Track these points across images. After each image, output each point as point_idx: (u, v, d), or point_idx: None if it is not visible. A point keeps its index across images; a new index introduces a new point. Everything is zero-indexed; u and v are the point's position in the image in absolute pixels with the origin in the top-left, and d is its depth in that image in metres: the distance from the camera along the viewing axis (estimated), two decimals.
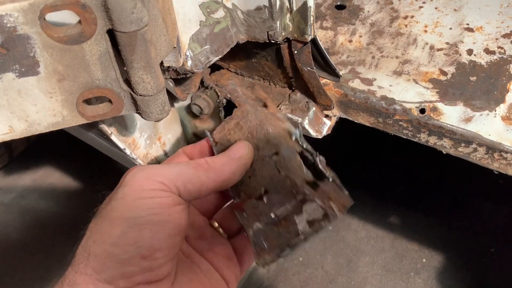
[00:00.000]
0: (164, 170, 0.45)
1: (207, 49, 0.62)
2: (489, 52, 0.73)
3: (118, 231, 0.41)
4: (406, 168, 1.63)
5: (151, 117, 0.50)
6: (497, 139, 0.64)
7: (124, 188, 0.43)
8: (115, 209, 0.42)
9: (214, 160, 0.48)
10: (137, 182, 0.43)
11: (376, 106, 0.70)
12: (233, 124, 0.55)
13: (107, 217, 0.42)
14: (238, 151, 0.51)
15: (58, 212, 1.66)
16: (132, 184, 0.43)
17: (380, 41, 0.77)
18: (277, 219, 0.49)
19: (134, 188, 0.43)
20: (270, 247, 0.48)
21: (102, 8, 0.42)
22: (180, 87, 0.71)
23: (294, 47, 0.66)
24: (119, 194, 0.43)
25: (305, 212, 0.49)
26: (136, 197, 0.42)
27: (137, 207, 0.42)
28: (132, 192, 0.43)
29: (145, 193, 0.43)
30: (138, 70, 0.45)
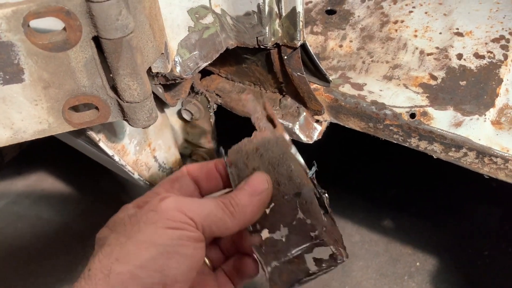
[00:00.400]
0: (196, 207, 0.45)
1: (196, 55, 0.62)
2: (478, 56, 0.73)
3: (146, 254, 0.41)
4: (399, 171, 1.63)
5: (138, 124, 0.49)
6: (487, 144, 0.64)
7: (156, 214, 0.43)
8: (144, 232, 0.42)
9: (239, 202, 0.47)
10: (170, 212, 0.43)
11: (366, 111, 0.70)
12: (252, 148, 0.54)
13: (135, 238, 0.42)
14: (258, 186, 0.50)
15: (51, 219, 1.65)
16: (165, 213, 0.43)
17: (371, 46, 0.77)
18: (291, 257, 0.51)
19: (166, 217, 0.43)
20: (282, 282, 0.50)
21: (87, 15, 0.41)
22: (170, 93, 0.71)
23: (284, 53, 0.66)
24: (150, 219, 0.43)
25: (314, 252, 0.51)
26: (167, 226, 0.42)
27: (168, 236, 0.42)
28: (163, 220, 0.42)
29: (176, 224, 0.43)
30: (124, 77, 0.45)
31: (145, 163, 0.74)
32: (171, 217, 0.43)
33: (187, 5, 0.58)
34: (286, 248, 0.51)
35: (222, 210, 0.46)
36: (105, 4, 0.40)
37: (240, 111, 0.77)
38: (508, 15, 0.78)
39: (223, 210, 0.46)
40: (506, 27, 0.76)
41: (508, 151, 0.63)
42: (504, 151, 0.63)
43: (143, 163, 0.73)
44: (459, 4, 0.81)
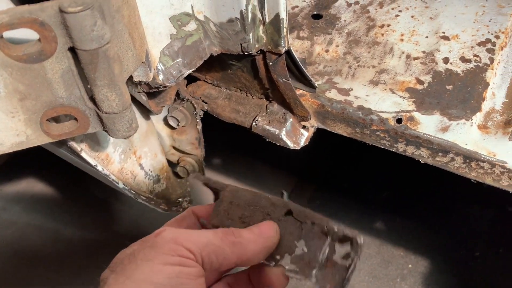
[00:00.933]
0: (193, 238, 0.43)
1: (179, 62, 0.61)
2: (465, 60, 0.73)
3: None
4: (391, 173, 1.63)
5: (118, 135, 0.48)
6: (474, 149, 0.64)
7: (152, 250, 0.42)
8: (141, 270, 0.41)
9: (242, 235, 0.47)
10: (167, 246, 0.42)
11: (353, 117, 0.70)
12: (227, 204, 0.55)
13: (133, 277, 0.41)
14: (266, 231, 0.49)
15: (42, 225, 1.63)
16: (161, 247, 0.42)
17: (357, 51, 0.77)
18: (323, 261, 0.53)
19: (164, 252, 0.41)
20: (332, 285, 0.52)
21: (62, 26, 0.40)
22: (155, 100, 0.70)
23: (269, 59, 0.65)
24: (147, 255, 0.41)
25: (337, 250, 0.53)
26: (165, 262, 0.41)
27: (165, 274, 0.40)
28: (161, 256, 0.41)
29: (174, 259, 0.41)
30: (102, 88, 0.44)
31: (131, 172, 0.73)
32: (168, 251, 0.41)
33: (169, 12, 0.57)
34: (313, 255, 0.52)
35: (220, 239, 0.45)
36: (79, 15, 0.39)
37: (227, 117, 0.77)
38: (493, 19, 0.77)
39: (222, 239, 0.45)
40: (492, 31, 0.76)
41: (494, 156, 0.63)
42: (491, 155, 0.63)
43: (128, 171, 0.72)
44: (445, 7, 0.81)
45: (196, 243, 0.43)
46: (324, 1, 0.87)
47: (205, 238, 0.44)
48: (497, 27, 0.76)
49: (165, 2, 0.56)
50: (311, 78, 0.69)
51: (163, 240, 0.42)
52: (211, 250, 0.43)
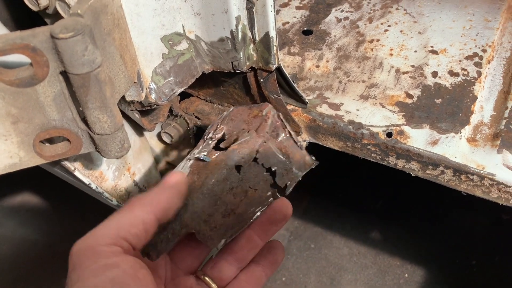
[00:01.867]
0: (103, 230, 0.40)
1: (171, 81, 0.62)
2: (453, 74, 0.74)
3: None
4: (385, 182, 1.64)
5: (110, 155, 0.49)
6: (463, 161, 0.65)
7: (74, 272, 0.37)
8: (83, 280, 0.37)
9: (145, 194, 0.45)
10: (86, 259, 0.38)
11: (344, 131, 0.70)
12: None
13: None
14: (170, 179, 0.47)
15: (37, 240, 1.62)
16: (82, 263, 0.37)
17: (347, 66, 0.78)
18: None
19: (86, 266, 0.37)
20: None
21: (53, 51, 0.41)
22: (148, 118, 0.70)
23: (260, 76, 0.66)
24: (74, 280, 0.37)
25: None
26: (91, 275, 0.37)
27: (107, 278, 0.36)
28: (85, 274, 0.37)
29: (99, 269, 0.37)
30: (93, 110, 0.45)
31: (125, 188, 0.73)
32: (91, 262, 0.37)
33: (160, 33, 0.58)
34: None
35: (127, 210, 0.42)
36: (70, 41, 0.40)
37: None
38: (480, 33, 0.79)
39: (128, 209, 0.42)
40: (479, 44, 0.77)
41: (483, 169, 0.64)
42: (480, 168, 0.64)
43: (122, 188, 0.73)
44: (433, 22, 0.82)
45: (108, 233, 0.40)
46: (314, 17, 0.88)
47: (113, 221, 0.41)
48: (484, 41, 0.77)
49: (156, 23, 0.57)
50: (302, 93, 0.70)
51: (79, 255, 0.38)
52: (125, 225, 0.41)
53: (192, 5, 0.58)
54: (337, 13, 0.89)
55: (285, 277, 1.48)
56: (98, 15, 0.45)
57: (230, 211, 0.53)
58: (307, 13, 0.90)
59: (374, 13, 0.87)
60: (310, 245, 1.55)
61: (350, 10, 0.89)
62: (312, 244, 1.56)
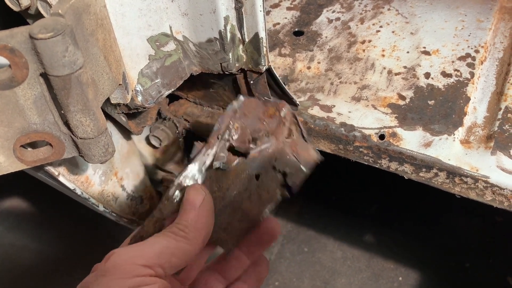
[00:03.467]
0: (145, 251, 0.40)
1: (158, 83, 0.60)
2: (446, 75, 0.73)
3: None
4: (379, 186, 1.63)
5: (94, 160, 0.47)
6: (457, 164, 0.64)
7: (105, 278, 0.38)
8: None
9: (185, 224, 0.44)
10: (120, 270, 0.38)
11: (336, 133, 0.69)
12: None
13: None
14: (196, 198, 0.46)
15: (26, 246, 1.60)
16: (115, 273, 0.38)
17: (339, 67, 0.77)
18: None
19: (118, 277, 0.38)
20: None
21: (33, 52, 0.40)
22: (135, 121, 0.69)
23: (249, 77, 0.65)
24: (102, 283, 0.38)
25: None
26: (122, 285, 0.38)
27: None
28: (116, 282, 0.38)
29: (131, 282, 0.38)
30: (75, 113, 0.43)
31: (112, 193, 0.72)
32: (122, 276, 0.38)
33: (147, 33, 0.57)
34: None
35: (174, 240, 0.42)
36: (50, 41, 0.38)
37: None
38: (473, 33, 0.78)
39: (175, 238, 0.42)
40: (472, 45, 0.76)
41: (477, 171, 0.63)
42: (474, 170, 0.63)
43: (109, 193, 0.71)
44: (426, 22, 0.82)
45: (149, 256, 0.40)
46: (305, 17, 0.87)
47: (158, 245, 0.41)
48: (476, 42, 0.77)
49: (142, 24, 0.55)
50: (293, 95, 0.69)
51: (114, 265, 0.39)
52: (168, 254, 0.41)
53: (179, 5, 0.56)
54: (329, 13, 0.88)
55: (278, 281, 1.47)
56: (80, 15, 0.44)
57: (246, 216, 0.53)
58: (298, 14, 0.89)
59: (366, 13, 0.86)
60: (304, 248, 1.54)
61: (341, 10, 0.88)
62: (305, 248, 1.54)
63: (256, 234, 0.53)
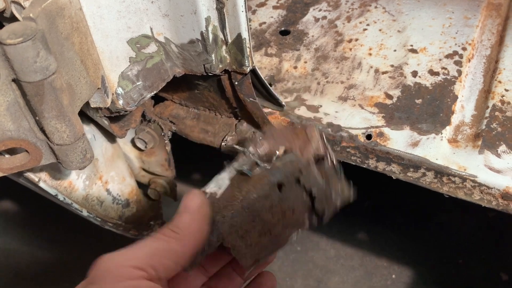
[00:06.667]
0: (135, 253, 0.39)
1: (140, 86, 0.59)
2: (433, 73, 0.73)
3: None
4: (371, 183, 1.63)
5: (72, 166, 0.46)
6: (445, 163, 0.63)
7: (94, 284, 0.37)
8: None
9: (178, 225, 0.43)
10: (111, 275, 0.37)
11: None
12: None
13: None
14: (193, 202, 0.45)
15: (17, 249, 1.58)
16: (105, 279, 0.37)
17: (325, 66, 0.76)
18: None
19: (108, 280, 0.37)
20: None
21: (3, 58, 0.38)
22: (118, 124, 0.68)
23: (234, 78, 0.64)
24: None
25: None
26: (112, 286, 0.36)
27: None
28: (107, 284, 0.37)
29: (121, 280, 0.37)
30: (50, 120, 0.42)
31: (97, 198, 0.71)
32: (114, 280, 0.37)
33: (126, 35, 0.55)
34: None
35: (164, 241, 0.41)
36: (19, 47, 0.37)
37: (196, 138, 0.75)
38: (460, 30, 0.77)
39: (166, 240, 0.41)
40: (459, 43, 0.76)
41: (465, 170, 0.62)
42: (462, 170, 0.63)
43: (94, 198, 0.70)
44: (413, 20, 0.81)
45: (139, 258, 0.39)
46: (291, 16, 0.86)
47: (148, 247, 0.40)
48: (464, 39, 0.76)
49: (121, 26, 0.54)
50: (279, 96, 0.68)
51: (105, 270, 0.37)
52: (159, 255, 0.40)
53: (160, 6, 0.55)
54: (315, 12, 0.87)
55: None
56: (54, 19, 0.42)
57: (267, 231, 0.51)
58: (284, 12, 0.88)
59: (353, 11, 0.85)
60: (297, 247, 1.53)
61: (328, 9, 0.87)
62: (298, 247, 1.54)
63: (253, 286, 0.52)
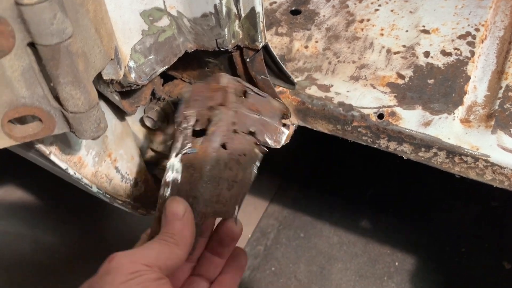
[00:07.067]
0: (144, 253, 0.46)
1: (152, 60, 0.59)
2: (445, 54, 0.72)
3: None
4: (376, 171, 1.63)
5: (86, 136, 0.46)
6: (457, 143, 0.63)
7: (110, 275, 0.42)
8: None
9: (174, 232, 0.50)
10: (123, 267, 0.43)
11: (334, 113, 0.68)
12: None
13: None
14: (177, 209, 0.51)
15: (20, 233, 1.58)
16: (118, 270, 0.43)
17: (337, 46, 0.75)
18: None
19: (121, 273, 0.42)
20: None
21: (19, 20, 0.38)
22: (129, 100, 0.67)
23: (246, 55, 0.63)
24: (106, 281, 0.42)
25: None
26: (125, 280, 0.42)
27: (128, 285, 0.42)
28: (119, 277, 0.42)
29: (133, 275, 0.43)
30: (65, 85, 0.42)
31: (106, 175, 0.70)
32: (126, 271, 0.42)
33: (139, 7, 0.55)
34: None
35: (167, 245, 0.48)
36: (37, 7, 0.36)
37: None
38: (473, 11, 0.77)
39: (167, 245, 0.48)
40: (472, 24, 0.75)
41: (477, 150, 0.62)
42: (474, 149, 0.62)
43: (103, 175, 0.70)
44: (425, 1, 0.80)
45: (148, 258, 0.45)
46: None
47: (155, 250, 0.47)
48: (477, 20, 0.75)
49: None
50: (290, 74, 0.68)
51: (117, 264, 0.43)
52: (163, 258, 0.46)
53: None
54: None
55: (274, 267, 1.46)
56: None
57: (232, 183, 0.57)
58: None
59: None
60: (300, 234, 1.53)
61: None
62: (301, 234, 1.54)
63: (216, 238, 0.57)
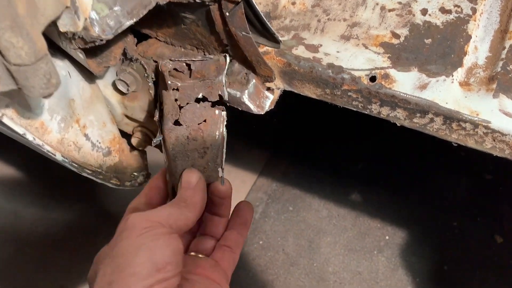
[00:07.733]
0: (157, 213, 0.51)
1: (118, 11, 0.52)
2: (445, 11, 0.66)
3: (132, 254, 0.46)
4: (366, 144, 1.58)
5: (34, 92, 0.40)
6: (455, 108, 0.58)
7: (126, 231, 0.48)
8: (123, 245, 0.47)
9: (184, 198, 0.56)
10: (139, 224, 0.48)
11: (322, 76, 0.62)
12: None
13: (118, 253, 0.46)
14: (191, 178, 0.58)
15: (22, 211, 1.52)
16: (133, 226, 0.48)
17: (326, 3, 0.69)
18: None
19: (136, 227, 0.48)
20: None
21: None
22: (96, 59, 0.61)
23: (225, 8, 0.57)
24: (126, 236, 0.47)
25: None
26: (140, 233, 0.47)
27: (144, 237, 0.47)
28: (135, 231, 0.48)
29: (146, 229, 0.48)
30: (3, 31, 0.35)
31: (74, 143, 0.64)
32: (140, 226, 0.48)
33: None
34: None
35: (178, 208, 0.53)
36: None
37: None
38: None
39: (178, 207, 0.54)
40: None
41: (477, 115, 0.57)
42: (474, 115, 0.57)
43: (70, 142, 0.64)
44: None
45: (161, 216, 0.50)
46: None
47: (166, 210, 0.52)
48: None
49: None
50: (275, 31, 0.61)
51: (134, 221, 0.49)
52: (175, 218, 0.51)
53: None
54: None
55: (262, 240, 1.43)
56: None
57: (203, 149, 0.60)
58: None
59: None
60: (289, 207, 1.50)
61: None
62: (290, 207, 1.50)
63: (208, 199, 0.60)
